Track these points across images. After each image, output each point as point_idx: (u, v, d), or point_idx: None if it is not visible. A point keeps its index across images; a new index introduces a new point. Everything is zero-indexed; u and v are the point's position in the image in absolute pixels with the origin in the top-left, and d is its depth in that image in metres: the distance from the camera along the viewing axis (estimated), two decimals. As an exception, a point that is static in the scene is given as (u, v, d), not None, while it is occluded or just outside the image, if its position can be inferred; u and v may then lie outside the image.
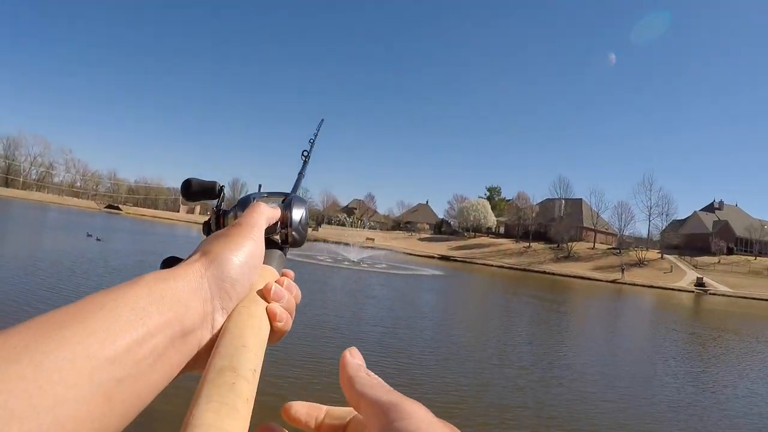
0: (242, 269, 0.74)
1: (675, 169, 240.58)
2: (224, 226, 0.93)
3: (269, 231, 0.89)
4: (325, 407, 0.72)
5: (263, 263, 0.83)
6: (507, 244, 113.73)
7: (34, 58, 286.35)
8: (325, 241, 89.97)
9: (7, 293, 16.59)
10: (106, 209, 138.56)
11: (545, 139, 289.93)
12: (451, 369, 14.39)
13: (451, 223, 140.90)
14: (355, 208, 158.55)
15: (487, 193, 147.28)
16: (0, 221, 55.41)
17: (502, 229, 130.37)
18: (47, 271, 22.28)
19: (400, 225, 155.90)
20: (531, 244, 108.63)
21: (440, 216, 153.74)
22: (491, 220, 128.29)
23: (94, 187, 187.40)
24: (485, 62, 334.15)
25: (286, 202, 0.97)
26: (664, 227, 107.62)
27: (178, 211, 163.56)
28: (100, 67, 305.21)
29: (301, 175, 1.29)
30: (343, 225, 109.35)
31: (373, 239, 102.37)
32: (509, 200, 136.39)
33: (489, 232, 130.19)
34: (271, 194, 1.02)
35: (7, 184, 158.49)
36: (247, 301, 0.75)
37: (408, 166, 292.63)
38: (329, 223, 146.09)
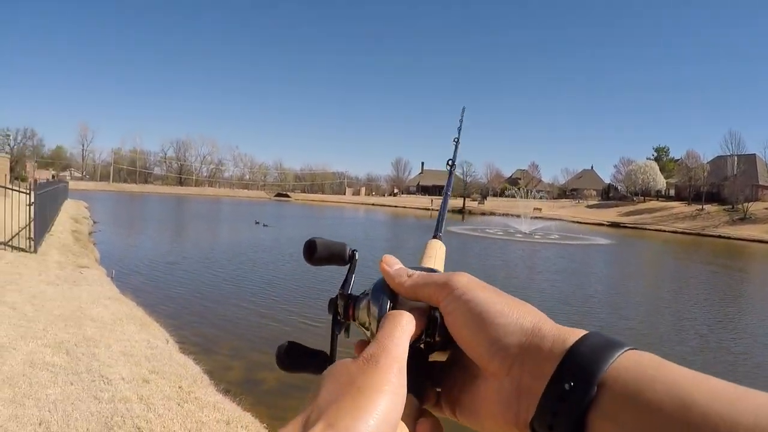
0: None
1: None
2: (353, 318, 0.83)
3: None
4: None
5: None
6: (678, 207, 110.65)
7: (195, 65, 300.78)
8: (491, 213, 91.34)
9: (191, 287, 19.31)
10: (275, 198, 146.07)
11: (713, 91, 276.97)
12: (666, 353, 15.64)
13: (618, 187, 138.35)
14: (519, 178, 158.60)
15: (655, 154, 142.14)
16: (180, 215, 61.12)
17: (672, 192, 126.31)
18: (225, 263, 25.38)
19: (565, 193, 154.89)
20: (703, 206, 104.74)
21: (606, 181, 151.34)
22: (660, 182, 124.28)
23: (263, 177, 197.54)
24: (648, 12, 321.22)
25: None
26: None
27: (344, 194, 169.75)
28: (260, 65, 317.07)
29: (452, 169, 1.44)
30: (513, 197, 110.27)
31: (540, 209, 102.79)
32: (678, 160, 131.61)
33: (658, 195, 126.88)
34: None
35: (181, 182, 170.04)
36: None
37: (570, 131, 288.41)
38: (495, 195, 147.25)
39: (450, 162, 1.46)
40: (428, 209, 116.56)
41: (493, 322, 0.63)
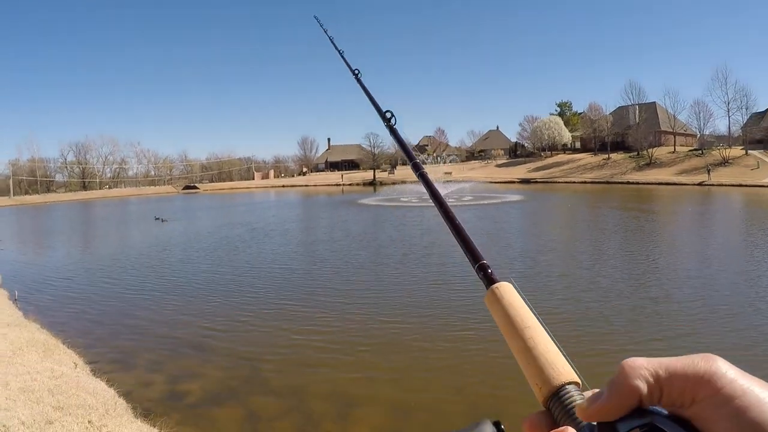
0: None
1: (749, 57, 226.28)
2: None
3: None
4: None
5: None
6: (585, 158, 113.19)
7: (85, 61, 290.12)
8: (403, 182, 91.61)
9: (100, 298, 18.05)
10: (183, 191, 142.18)
11: (610, 43, 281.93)
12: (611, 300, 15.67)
13: (525, 145, 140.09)
14: (427, 145, 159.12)
15: (558, 110, 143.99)
16: (86, 222, 58.86)
17: (578, 144, 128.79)
18: (133, 267, 24.04)
19: (474, 155, 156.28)
20: (610, 155, 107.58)
21: (513, 139, 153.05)
22: (566, 136, 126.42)
23: (169, 172, 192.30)
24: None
25: None
26: (745, 122, 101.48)
27: (253, 179, 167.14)
28: (151, 52, 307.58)
29: (359, 76, 1.59)
30: (424, 163, 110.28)
31: (450, 172, 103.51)
32: (581, 113, 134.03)
33: (565, 148, 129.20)
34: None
35: (85, 187, 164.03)
36: None
37: (473, 93, 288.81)
38: (404, 164, 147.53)
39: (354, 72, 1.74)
40: (339, 185, 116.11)
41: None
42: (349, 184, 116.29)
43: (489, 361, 10.60)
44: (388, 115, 1.57)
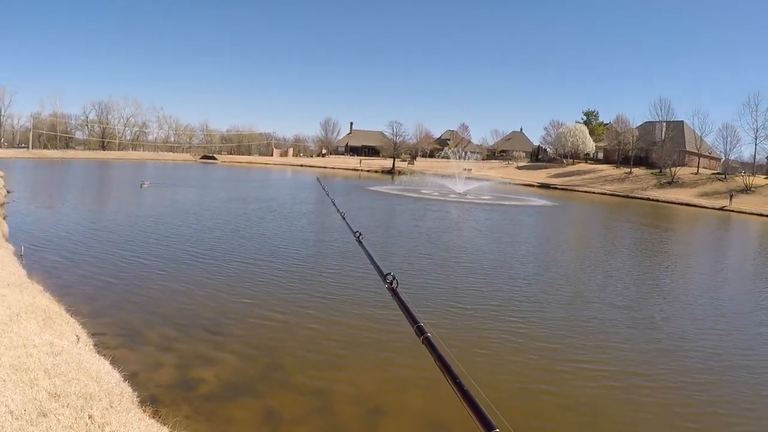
0: None
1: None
2: None
3: None
4: None
5: None
6: (607, 170, 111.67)
7: (116, 22, 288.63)
8: (421, 173, 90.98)
9: (112, 261, 17.20)
10: (201, 160, 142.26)
11: (643, 57, 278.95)
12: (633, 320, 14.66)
13: (548, 150, 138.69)
14: (449, 139, 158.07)
15: (584, 118, 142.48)
16: (102, 181, 58.56)
17: (600, 155, 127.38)
18: (149, 232, 23.49)
19: (494, 154, 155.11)
20: (632, 169, 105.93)
21: (536, 143, 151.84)
22: (590, 145, 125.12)
23: (188, 140, 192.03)
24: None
25: None
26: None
27: (272, 155, 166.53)
28: (182, 21, 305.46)
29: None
30: (447, 158, 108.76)
31: (470, 169, 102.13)
32: (607, 124, 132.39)
33: (587, 158, 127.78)
34: None
35: (103, 147, 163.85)
36: None
37: (500, 93, 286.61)
38: (424, 156, 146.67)
39: None
40: (357, 170, 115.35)
41: None
42: (367, 171, 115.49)
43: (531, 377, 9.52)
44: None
